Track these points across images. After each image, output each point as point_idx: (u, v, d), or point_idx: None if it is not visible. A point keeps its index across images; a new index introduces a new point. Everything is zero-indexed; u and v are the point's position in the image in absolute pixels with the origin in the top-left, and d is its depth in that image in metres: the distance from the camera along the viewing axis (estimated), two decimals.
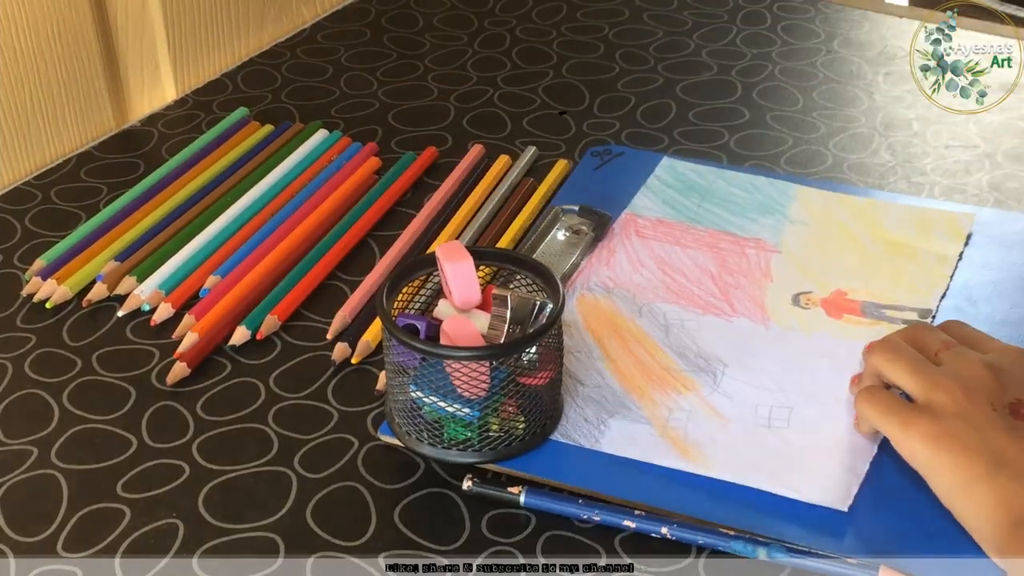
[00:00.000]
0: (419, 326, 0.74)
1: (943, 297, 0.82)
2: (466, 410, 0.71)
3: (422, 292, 0.77)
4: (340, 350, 0.80)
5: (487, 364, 0.70)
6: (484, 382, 0.70)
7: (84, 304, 0.84)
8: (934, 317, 0.81)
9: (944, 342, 0.72)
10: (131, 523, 0.70)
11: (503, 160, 0.98)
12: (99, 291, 0.85)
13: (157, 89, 1.08)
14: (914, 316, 0.81)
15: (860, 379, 0.75)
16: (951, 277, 0.84)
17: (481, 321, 0.73)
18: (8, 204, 0.95)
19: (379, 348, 0.81)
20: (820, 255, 0.87)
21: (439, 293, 0.76)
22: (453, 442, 0.72)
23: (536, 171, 0.97)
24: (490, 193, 0.94)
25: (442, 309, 0.75)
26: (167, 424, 0.76)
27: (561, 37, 1.17)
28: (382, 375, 0.77)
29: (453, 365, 0.70)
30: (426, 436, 0.72)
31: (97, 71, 1.02)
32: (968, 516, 0.64)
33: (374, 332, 0.81)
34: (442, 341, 0.72)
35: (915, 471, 0.67)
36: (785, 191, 0.93)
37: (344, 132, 1.02)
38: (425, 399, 0.71)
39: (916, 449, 0.66)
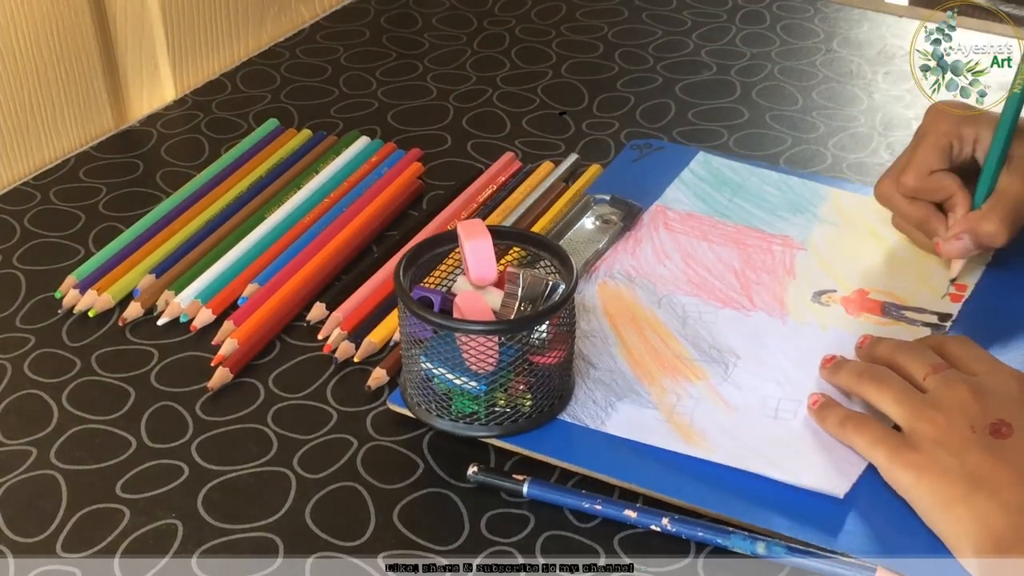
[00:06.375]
0: (434, 299, 0.74)
1: (966, 301, 0.82)
2: (473, 383, 0.71)
3: (445, 267, 0.78)
4: (344, 349, 0.80)
5: (495, 339, 0.70)
6: (492, 357, 0.71)
7: (120, 323, 0.83)
8: (954, 322, 0.81)
9: (932, 365, 0.72)
10: (130, 523, 0.69)
11: (546, 166, 0.96)
12: (134, 310, 0.83)
13: (156, 89, 1.07)
14: (933, 319, 0.81)
15: (835, 364, 0.75)
16: (975, 286, 0.83)
17: (494, 298, 0.74)
18: (7, 204, 0.95)
19: (382, 349, 0.81)
20: (846, 255, 0.87)
21: None
22: (460, 415, 0.73)
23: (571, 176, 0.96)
24: (514, 199, 0.93)
25: (460, 285, 0.76)
26: (166, 424, 0.76)
27: (560, 37, 1.16)
28: (375, 372, 0.78)
29: (462, 338, 0.71)
30: (434, 408, 0.73)
31: (96, 71, 1.02)
32: (948, 535, 0.65)
33: (379, 332, 0.81)
34: (455, 315, 0.73)
35: None
36: (818, 191, 0.92)
37: (343, 132, 1.02)
38: (435, 370, 0.72)
39: (900, 477, 0.68)
